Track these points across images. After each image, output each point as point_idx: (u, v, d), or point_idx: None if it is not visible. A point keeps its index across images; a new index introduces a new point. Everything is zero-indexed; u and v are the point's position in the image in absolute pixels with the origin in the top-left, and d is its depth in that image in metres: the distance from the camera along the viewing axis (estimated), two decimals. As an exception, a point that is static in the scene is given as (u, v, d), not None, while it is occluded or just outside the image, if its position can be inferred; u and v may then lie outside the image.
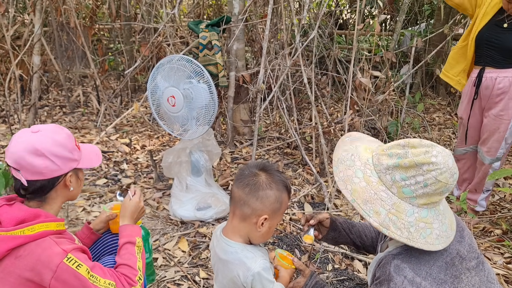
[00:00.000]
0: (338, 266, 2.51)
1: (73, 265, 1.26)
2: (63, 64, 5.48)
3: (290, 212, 3.06)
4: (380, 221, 1.17)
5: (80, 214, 2.96)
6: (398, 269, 1.20)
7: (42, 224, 1.30)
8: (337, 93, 5.57)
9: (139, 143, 4.29)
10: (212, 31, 3.63)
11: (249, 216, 1.36)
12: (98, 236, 1.80)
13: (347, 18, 7.08)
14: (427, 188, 1.17)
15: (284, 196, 1.39)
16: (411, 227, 1.18)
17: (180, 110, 2.79)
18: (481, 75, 2.66)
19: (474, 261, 1.26)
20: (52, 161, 1.35)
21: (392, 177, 1.20)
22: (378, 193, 1.20)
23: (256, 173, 1.38)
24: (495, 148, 2.72)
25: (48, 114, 4.97)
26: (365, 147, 1.33)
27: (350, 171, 1.26)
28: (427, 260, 1.21)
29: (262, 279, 1.35)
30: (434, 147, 1.18)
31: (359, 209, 1.19)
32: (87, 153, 1.51)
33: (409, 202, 1.19)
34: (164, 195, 3.28)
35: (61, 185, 1.40)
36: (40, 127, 1.41)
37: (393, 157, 1.22)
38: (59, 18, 5.17)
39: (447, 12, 5.60)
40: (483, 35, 2.62)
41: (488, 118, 2.71)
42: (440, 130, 4.94)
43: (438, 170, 1.15)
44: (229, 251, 1.40)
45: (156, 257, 2.54)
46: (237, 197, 1.38)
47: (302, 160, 3.85)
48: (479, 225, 2.92)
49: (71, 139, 1.43)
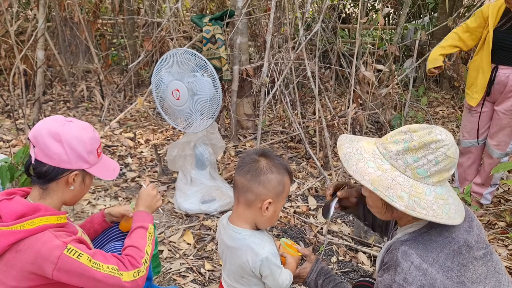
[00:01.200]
0: (343, 258, 2.53)
1: (74, 255, 1.28)
2: (67, 59, 5.48)
3: (294, 205, 3.07)
4: (405, 204, 1.19)
5: (85, 207, 2.98)
6: (405, 255, 1.21)
7: (42, 218, 1.31)
8: (341, 87, 5.56)
9: (143, 137, 4.30)
10: (215, 25, 3.63)
11: (253, 201, 1.37)
12: (109, 225, 1.81)
13: (351, 12, 7.05)
14: (438, 165, 1.20)
15: (285, 178, 1.40)
16: (433, 205, 1.20)
17: (185, 104, 2.79)
18: (495, 73, 2.68)
19: (482, 251, 1.26)
20: (65, 151, 1.36)
21: (404, 161, 1.22)
22: (395, 178, 1.22)
23: (256, 159, 1.40)
24: (505, 143, 2.75)
25: (52, 109, 4.98)
26: (367, 142, 1.35)
27: (361, 163, 1.27)
28: (434, 247, 1.21)
29: (270, 264, 1.36)
30: (435, 128, 1.22)
31: (383, 196, 1.20)
32: (104, 164, 1.51)
33: (425, 182, 1.22)
34: (168, 189, 3.29)
35: (63, 179, 1.40)
36: (74, 120, 1.44)
37: (400, 143, 1.24)
38: (62, 13, 5.17)
39: (451, 5, 5.58)
40: (496, 37, 2.65)
41: (499, 113, 2.75)
42: (444, 124, 4.93)
43: (446, 146, 1.19)
44: (237, 237, 1.41)
45: (161, 249, 2.56)
46: (240, 185, 1.39)
47: (306, 153, 3.86)
48: (483, 218, 2.93)
49: (95, 143, 1.44)
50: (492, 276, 1.25)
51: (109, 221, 1.80)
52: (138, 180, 3.42)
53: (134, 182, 3.41)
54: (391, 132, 1.31)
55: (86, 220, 1.82)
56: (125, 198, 3.15)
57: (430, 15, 6.08)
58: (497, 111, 2.75)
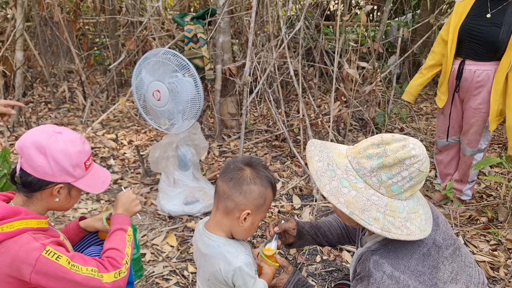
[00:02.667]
0: (327, 257, 2.52)
1: (53, 257, 1.26)
2: (48, 59, 5.39)
3: (278, 205, 3.06)
4: (381, 226, 1.17)
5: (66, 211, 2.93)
6: (377, 265, 1.21)
7: (21, 221, 1.29)
8: (325, 84, 5.56)
9: (126, 138, 4.25)
10: (197, 24, 3.60)
11: (232, 210, 1.35)
12: (85, 234, 1.78)
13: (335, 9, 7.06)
14: (412, 181, 1.18)
15: (268, 192, 1.38)
16: (407, 222, 1.19)
17: (166, 105, 2.76)
18: (462, 67, 2.65)
19: (451, 248, 1.28)
20: (49, 164, 1.33)
21: (379, 178, 1.19)
22: (369, 198, 1.20)
23: (241, 167, 1.37)
24: (476, 140, 2.73)
25: (33, 111, 4.90)
26: (338, 153, 1.30)
27: (335, 182, 1.23)
28: (404, 254, 1.22)
29: (243, 274, 1.34)
30: (408, 140, 1.19)
31: (359, 220, 1.18)
32: (93, 177, 1.48)
33: (398, 198, 1.20)
34: (151, 190, 3.26)
35: (48, 191, 1.38)
36: (63, 130, 1.40)
37: (374, 158, 1.20)
38: (42, 13, 5.08)
39: (433, 2, 5.61)
40: (464, 28, 2.60)
41: (467, 111, 2.71)
42: (427, 120, 4.97)
43: (419, 161, 1.17)
44: (211, 245, 1.39)
45: (144, 252, 2.53)
46: (221, 191, 1.37)
47: (290, 152, 3.85)
48: (465, 214, 2.95)
49: (83, 156, 1.40)
50: (463, 271, 1.28)
51: (87, 232, 1.77)
52: (120, 182, 3.38)
53: (117, 184, 3.36)
54: (363, 142, 1.26)
55: (61, 230, 1.78)
56: (107, 201, 3.11)
57: (413, 12, 6.11)
58: (466, 109, 2.73)
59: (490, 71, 2.57)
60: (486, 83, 2.58)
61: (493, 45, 2.50)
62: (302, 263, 2.46)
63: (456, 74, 2.68)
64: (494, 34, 2.49)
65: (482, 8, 2.57)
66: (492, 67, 2.56)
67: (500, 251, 2.56)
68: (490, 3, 2.54)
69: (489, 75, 2.57)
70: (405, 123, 4.67)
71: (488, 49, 2.53)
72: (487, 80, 2.58)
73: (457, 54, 2.69)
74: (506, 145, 4.01)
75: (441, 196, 3.06)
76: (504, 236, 2.67)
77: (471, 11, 2.61)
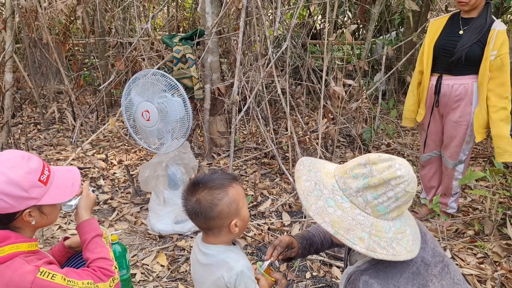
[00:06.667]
0: (317, 274, 2.54)
1: (48, 277, 1.26)
2: (37, 80, 5.41)
3: (268, 222, 3.08)
4: (366, 246, 1.18)
5: (56, 232, 2.92)
6: (366, 285, 1.22)
7: (12, 245, 1.28)
8: (313, 102, 5.64)
9: (116, 158, 4.26)
10: (185, 44, 3.66)
11: (220, 230, 1.40)
12: (73, 254, 1.78)
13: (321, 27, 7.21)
14: (398, 201, 1.19)
15: (232, 193, 1.37)
16: (392, 242, 1.20)
17: (155, 124, 2.79)
18: (439, 82, 2.74)
19: (440, 265, 1.29)
20: (2, 200, 1.26)
21: (364, 198, 1.21)
22: (355, 218, 1.21)
23: (196, 200, 1.36)
24: (456, 152, 2.80)
25: (22, 132, 4.89)
26: (325, 173, 1.32)
27: (321, 201, 1.25)
28: (394, 273, 1.23)
29: (245, 277, 1.37)
30: (394, 160, 1.21)
31: (344, 240, 1.19)
32: (58, 187, 1.41)
33: (384, 218, 1.22)
34: (142, 210, 3.26)
35: (19, 219, 1.33)
36: (1, 157, 1.32)
37: (359, 178, 1.21)
38: (31, 34, 5.12)
39: (416, 20, 5.76)
40: (439, 45, 2.70)
41: (448, 125, 2.79)
42: (413, 135, 5.05)
43: (405, 182, 1.18)
44: (211, 254, 1.41)
45: (134, 272, 2.52)
46: (200, 227, 1.41)
47: (279, 169, 3.89)
48: (452, 227, 3.00)
49: (32, 175, 1.33)
50: None
51: (74, 251, 1.77)
52: (110, 203, 3.38)
53: (107, 204, 3.36)
54: (350, 162, 1.28)
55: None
56: (98, 221, 3.10)
57: (397, 30, 6.26)
58: (446, 123, 2.81)
59: (467, 85, 2.66)
60: (464, 97, 2.67)
61: (467, 60, 2.60)
62: (292, 279, 2.47)
63: (434, 89, 2.77)
64: (466, 49, 2.59)
65: (454, 26, 2.70)
66: (469, 80, 2.65)
67: (487, 264, 2.60)
68: (462, 20, 2.66)
69: (467, 89, 2.66)
70: (392, 138, 4.74)
71: (463, 63, 2.63)
72: (465, 93, 2.67)
73: (434, 70, 2.79)
74: (490, 158, 4.09)
75: (427, 210, 3.11)
76: (490, 249, 2.72)
77: (445, 28, 2.73)
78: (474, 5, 2.57)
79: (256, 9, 3.71)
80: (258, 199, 3.42)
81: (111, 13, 5.21)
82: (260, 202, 3.39)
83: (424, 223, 3.00)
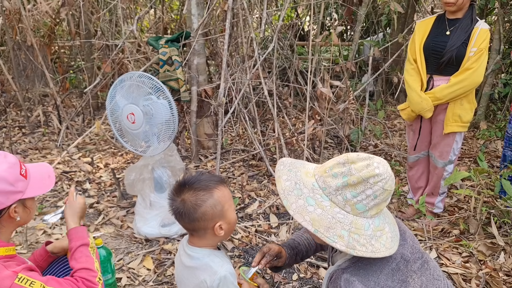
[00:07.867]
0: (304, 275, 2.54)
1: (26, 284, 1.24)
2: (22, 83, 5.34)
3: (255, 224, 3.07)
4: (346, 244, 1.19)
5: (40, 237, 2.88)
6: (348, 283, 1.23)
7: None
8: (300, 103, 5.65)
9: (102, 161, 4.22)
10: (172, 46, 3.64)
11: (204, 233, 1.40)
12: (54, 258, 1.76)
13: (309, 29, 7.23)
14: (377, 199, 1.21)
15: (217, 195, 1.37)
16: (372, 240, 1.22)
17: (140, 127, 2.77)
18: (430, 83, 2.76)
19: (419, 261, 1.31)
20: None
21: (344, 197, 1.22)
22: (335, 216, 1.22)
23: (181, 200, 1.36)
24: (447, 152, 2.83)
25: (6, 136, 4.82)
26: (305, 172, 1.33)
27: (301, 200, 1.25)
28: (374, 270, 1.25)
29: (228, 283, 1.36)
30: (372, 159, 1.22)
31: (324, 238, 1.20)
32: (36, 179, 1.45)
33: (363, 216, 1.23)
34: (128, 213, 3.23)
35: (5, 217, 1.36)
36: None
37: (339, 177, 1.23)
38: (15, 37, 5.05)
39: (402, 21, 5.81)
40: (428, 46, 2.73)
41: (437, 124, 2.82)
42: (401, 136, 5.08)
43: (383, 180, 1.20)
44: (195, 257, 1.41)
45: (120, 277, 2.50)
46: (185, 227, 1.41)
47: (267, 171, 3.88)
48: (438, 227, 3.02)
49: (14, 169, 1.36)
50: (432, 285, 1.31)
51: (56, 256, 1.75)
52: (96, 206, 3.34)
53: (93, 208, 3.32)
54: (330, 162, 1.29)
55: (28, 258, 1.75)
56: (83, 225, 3.06)
57: (384, 31, 6.31)
58: (436, 122, 2.83)
59: None
60: None
61: (456, 60, 2.63)
62: (279, 281, 2.47)
63: (425, 90, 2.79)
64: (454, 49, 2.62)
65: (441, 26, 2.72)
66: None
67: (472, 263, 2.62)
68: (448, 21, 2.70)
69: None
70: (379, 139, 4.77)
71: (452, 63, 2.65)
72: None
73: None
74: (475, 159, 4.14)
75: (414, 210, 3.13)
76: (475, 248, 2.74)
77: (432, 30, 2.76)
78: (461, 5, 2.60)
79: (242, 10, 3.71)
80: (245, 201, 3.41)
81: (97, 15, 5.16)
82: (248, 204, 3.38)
83: (411, 223, 3.02)
